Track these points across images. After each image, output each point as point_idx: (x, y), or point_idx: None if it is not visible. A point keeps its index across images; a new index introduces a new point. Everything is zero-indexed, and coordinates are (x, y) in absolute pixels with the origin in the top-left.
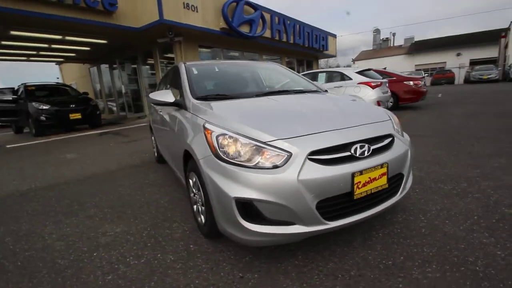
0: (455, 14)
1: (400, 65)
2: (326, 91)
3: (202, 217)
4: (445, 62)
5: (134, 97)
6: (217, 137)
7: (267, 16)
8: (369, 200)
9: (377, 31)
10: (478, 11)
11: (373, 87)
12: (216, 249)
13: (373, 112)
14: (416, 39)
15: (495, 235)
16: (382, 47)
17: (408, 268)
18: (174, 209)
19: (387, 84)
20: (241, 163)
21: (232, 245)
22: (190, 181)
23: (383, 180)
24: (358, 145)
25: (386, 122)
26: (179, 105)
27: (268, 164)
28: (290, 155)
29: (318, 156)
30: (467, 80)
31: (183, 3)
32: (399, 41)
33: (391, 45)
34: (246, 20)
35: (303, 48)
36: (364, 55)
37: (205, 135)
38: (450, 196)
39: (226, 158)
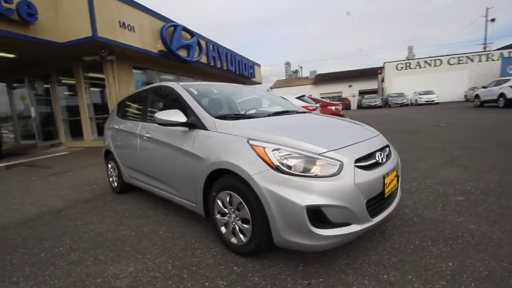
0: (345, 54)
1: (309, 93)
2: (310, 112)
3: (241, 236)
4: (341, 92)
5: (44, 122)
6: (272, 151)
7: (202, 43)
8: (390, 197)
9: (288, 64)
10: (361, 52)
11: (311, 111)
12: (263, 265)
13: (368, 128)
14: (318, 72)
15: (461, 215)
16: (292, 78)
17: (427, 248)
18: (182, 237)
19: (319, 108)
20: (302, 174)
21: (276, 258)
22: (218, 201)
23: (395, 181)
24: (378, 153)
25: (380, 136)
26: (193, 125)
27: (326, 172)
28: (342, 163)
29: (359, 163)
30: (360, 106)
31: (119, 21)
32: (306, 73)
33: (300, 76)
34: (184, 44)
35: (235, 75)
36: (279, 84)
37: (254, 151)
38: (412, 192)
39: (288, 171)
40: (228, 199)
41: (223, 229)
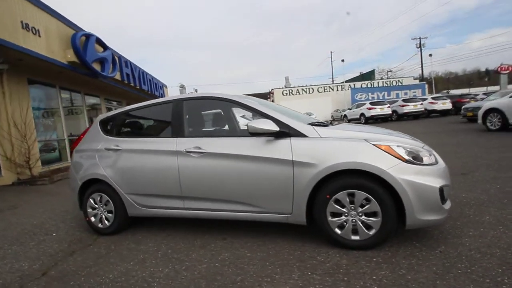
0: (233, 79)
1: None
2: None
3: (365, 230)
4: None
5: None
6: (397, 147)
7: (116, 58)
8: None
9: (182, 86)
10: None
11: None
12: (392, 251)
13: None
14: None
15: None
16: None
17: (464, 211)
18: (280, 252)
19: None
20: (422, 163)
21: (389, 245)
22: (333, 203)
23: None
24: None
25: None
26: (285, 133)
27: (431, 161)
28: (432, 153)
29: None
30: None
31: (21, 22)
32: None
33: None
34: (99, 57)
35: (147, 95)
36: None
37: (380, 149)
38: None
39: (415, 161)
40: (347, 198)
41: (337, 231)
